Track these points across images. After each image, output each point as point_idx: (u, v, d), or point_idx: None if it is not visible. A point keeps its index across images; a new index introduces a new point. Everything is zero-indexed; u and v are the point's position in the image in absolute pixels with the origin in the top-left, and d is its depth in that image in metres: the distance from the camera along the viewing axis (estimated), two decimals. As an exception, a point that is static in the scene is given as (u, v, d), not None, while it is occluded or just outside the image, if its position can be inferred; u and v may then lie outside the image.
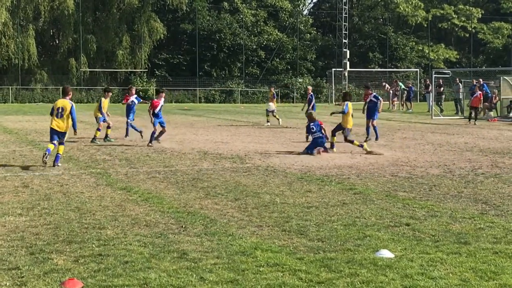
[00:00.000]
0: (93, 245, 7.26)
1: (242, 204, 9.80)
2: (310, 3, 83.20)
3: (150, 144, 18.24)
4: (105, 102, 20.35)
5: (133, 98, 21.55)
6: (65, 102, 14.43)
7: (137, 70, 58.54)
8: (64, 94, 14.96)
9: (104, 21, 59.39)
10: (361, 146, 17.35)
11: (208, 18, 62.85)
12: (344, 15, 57.65)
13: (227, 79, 61.37)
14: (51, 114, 14.54)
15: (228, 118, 33.55)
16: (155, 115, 18.87)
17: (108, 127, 19.92)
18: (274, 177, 12.64)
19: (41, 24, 59.70)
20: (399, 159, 15.80)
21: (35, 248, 7.13)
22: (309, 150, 16.75)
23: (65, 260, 6.67)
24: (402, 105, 44.51)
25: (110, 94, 21.31)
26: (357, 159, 15.64)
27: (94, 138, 19.38)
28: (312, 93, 27.82)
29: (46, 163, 13.83)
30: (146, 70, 59.40)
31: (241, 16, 64.12)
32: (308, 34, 68.59)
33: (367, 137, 20.04)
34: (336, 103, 57.27)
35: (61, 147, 14.37)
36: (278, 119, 27.44)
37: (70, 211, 9.13)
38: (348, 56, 56.29)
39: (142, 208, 9.38)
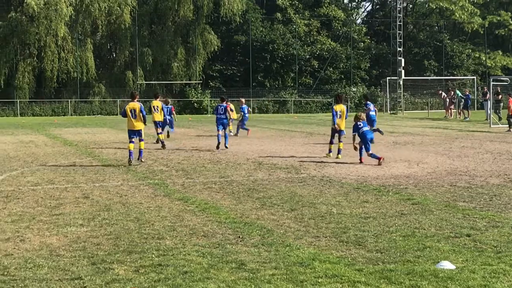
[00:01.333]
0: (153, 255, 7.36)
1: (299, 214, 9.78)
2: (363, 12, 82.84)
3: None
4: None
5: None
6: (135, 104, 16.85)
7: (192, 82, 59.22)
8: (133, 98, 17.25)
9: (160, 34, 60.32)
10: (338, 151, 18.18)
11: (261, 29, 63.17)
12: (398, 23, 57.07)
13: (280, 89, 61.52)
14: (124, 116, 17.03)
15: (282, 128, 33.58)
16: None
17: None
18: (330, 187, 12.58)
19: (99, 38, 61.07)
20: (457, 168, 15.52)
21: (97, 258, 7.26)
22: (372, 155, 16.83)
23: (126, 270, 6.78)
24: (459, 113, 43.74)
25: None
26: (415, 169, 15.44)
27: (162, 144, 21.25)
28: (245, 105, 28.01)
29: (131, 163, 16.34)
30: (201, 81, 60.04)
31: (294, 26, 64.22)
32: (362, 43, 68.20)
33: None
34: (391, 112, 56.71)
35: (142, 143, 17.09)
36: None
37: (129, 221, 9.28)
38: (403, 64, 55.66)
39: (199, 219, 9.47)
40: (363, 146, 17.24)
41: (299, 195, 11.60)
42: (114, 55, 63.54)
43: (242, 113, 28.35)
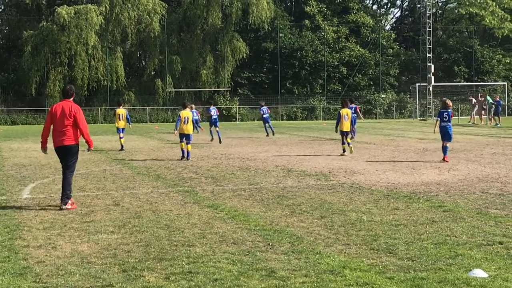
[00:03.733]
0: (183, 262, 7.38)
1: (328, 221, 9.74)
2: (392, 18, 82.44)
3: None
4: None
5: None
6: (188, 113, 20.30)
7: (221, 89, 59.47)
8: (184, 107, 20.77)
9: (189, 42, 60.74)
10: (348, 144, 20.99)
11: (289, 36, 63.24)
12: (428, 29, 56.69)
13: (308, 96, 61.48)
14: (179, 122, 19.99)
15: (311, 135, 33.51)
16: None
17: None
18: (359, 194, 12.51)
19: (128, 47, 61.70)
20: (489, 175, 15.33)
21: (127, 265, 7.30)
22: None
23: (157, 278, 6.80)
24: (490, 119, 43.27)
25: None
26: (445, 176, 15.28)
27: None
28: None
29: (183, 158, 19.79)
30: (229, 89, 60.26)
31: (323, 33, 64.17)
32: (391, 49, 67.90)
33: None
34: (421, 118, 56.26)
35: (189, 146, 20.05)
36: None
37: (159, 228, 9.32)
38: (432, 71, 55.26)
39: (229, 226, 9.47)
40: (446, 145, 18.61)
41: (329, 202, 11.56)
42: (144, 63, 64.13)
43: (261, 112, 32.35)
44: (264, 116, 32.42)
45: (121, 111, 24.78)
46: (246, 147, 24.59)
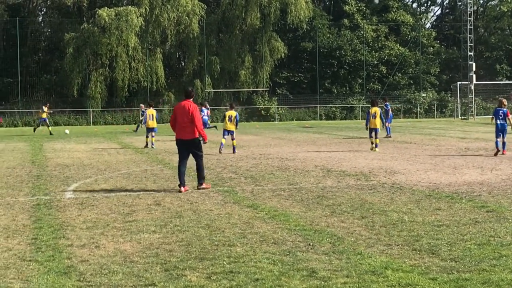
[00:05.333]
0: (224, 262, 7.41)
1: (369, 222, 9.67)
2: (432, 16, 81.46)
3: None
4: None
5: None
6: (232, 112, 23.05)
7: (259, 89, 59.54)
8: (231, 108, 23.64)
9: (227, 42, 60.93)
10: (375, 145, 22.52)
11: (328, 35, 62.98)
12: (469, 27, 55.88)
13: (347, 95, 61.16)
14: (224, 119, 23.22)
15: (350, 135, 33.33)
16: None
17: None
18: (400, 194, 12.40)
19: (168, 48, 62.19)
20: (533, 175, 15.05)
21: (169, 264, 7.36)
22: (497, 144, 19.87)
23: (198, 277, 6.85)
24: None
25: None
26: (488, 175, 15.05)
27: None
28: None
29: (221, 152, 22.21)
30: (268, 89, 60.27)
31: (362, 32, 63.76)
32: (431, 48, 67.12)
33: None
34: (462, 117, 55.49)
35: (234, 141, 22.76)
36: None
37: (200, 228, 9.38)
38: (474, 69, 54.45)
39: (269, 226, 9.48)
40: (505, 140, 20.11)
41: (369, 202, 11.48)
42: (183, 64, 64.55)
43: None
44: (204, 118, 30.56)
45: (152, 111, 26.49)
46: (284, 147, 24.57)
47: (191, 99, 13.86)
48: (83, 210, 11.08)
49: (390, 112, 31.88)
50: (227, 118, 22.98)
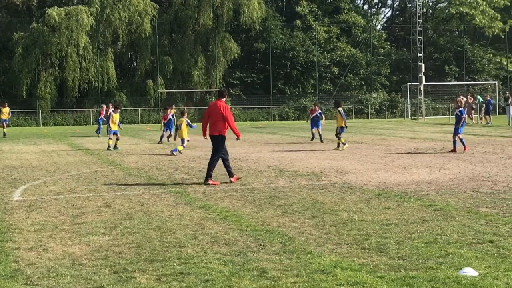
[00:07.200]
0: (175, 264, 7.38)
1: (320, 221, 9.76)
2: (383, 18, 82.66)
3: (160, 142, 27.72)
4: (115, 116, 25.47)
5: (170, 116, 28.09)
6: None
7: (212, 90, 59.42)
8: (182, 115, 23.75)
9: (180, 42, 60.66)
10: (344, 143, 23.22)
11: (281, 36, 63.26)
12: (418, 28, 56.84)
13: (300, 96, 61.54)
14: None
15: (303, 135, 33.52)
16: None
17: (117, 139, 25.26)
18: (351, 194, 12.54)
19: (120, 47, 61.57)
20: (479, 174, 15.40)
21: (119, 267, 7.30)
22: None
23: (148, 279, 6.80)
24: (481, 118, 43.44)
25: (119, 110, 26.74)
26: (436, 175, 15.34)
27: (109, 147, 24.93)
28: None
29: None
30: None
31: (314, 33, 64.22)
32: (382, 49, 68.06)
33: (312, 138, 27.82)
34: (412, 118, 56.41)
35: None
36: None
37: (151, 230, 9.32)
38: (423, 70, 55.40)
39: (220, 226, 9.48)
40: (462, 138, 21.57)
41: (320, 202, 11.58)
42: (135, 64, 63.98)
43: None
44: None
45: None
46: (238, 148, 24.59)
47: (224, 99, 14.84)
48: (31, 213, 10.89)
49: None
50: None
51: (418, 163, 18.12)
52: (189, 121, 23.80)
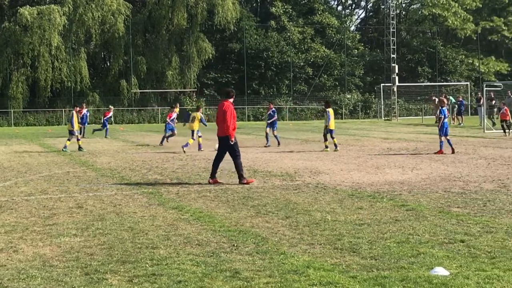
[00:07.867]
0: (147, 265, 7.33)
1: (293, 222, 9.77)
2: (357, 19, 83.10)
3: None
4: (75, 116, 25.42)
5: (174, 115, 28.26)
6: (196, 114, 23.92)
7: (187, 90, 59.29)
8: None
9: (154, 42, 60.41)
10: (327, 146, 22.70)
11: (255, 37, 63.33)
12: (392, 29, 57.28)
13: (275, 96, 61.63)
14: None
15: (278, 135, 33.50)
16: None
17: (78, 139, 25.28)
18: (324, 194, 12.58)
19: (93, 47, 61.12)
20: (451, 174, 15.55)
21: (90, 268, 7.23)
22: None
23: (120, 280, 6.75)
24: (453, 119, 43.88)
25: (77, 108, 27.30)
26: (409, 175, 15.46)
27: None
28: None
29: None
30: (195, 89, 60.06)
31: (288, 34, 64.38)
32: (356, 50, 68.45)
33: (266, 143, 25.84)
34: (386, 118, 56.81)
35: (200, 139, 23.99)
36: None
37: (123, 231, 9.25)
38: (396, 71, 55.87)
39: (194, 227, 9.44)
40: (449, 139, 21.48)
41: (294, 202, 11.60)
42: (108, 64, 63.57)
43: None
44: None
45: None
46: (212, 148, 24.52)
47: (230, 99, 14.83)
48: (1, 214, 10.75)
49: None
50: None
51: (391, 163, 18.24)
52: (203, 116, 24.31)
